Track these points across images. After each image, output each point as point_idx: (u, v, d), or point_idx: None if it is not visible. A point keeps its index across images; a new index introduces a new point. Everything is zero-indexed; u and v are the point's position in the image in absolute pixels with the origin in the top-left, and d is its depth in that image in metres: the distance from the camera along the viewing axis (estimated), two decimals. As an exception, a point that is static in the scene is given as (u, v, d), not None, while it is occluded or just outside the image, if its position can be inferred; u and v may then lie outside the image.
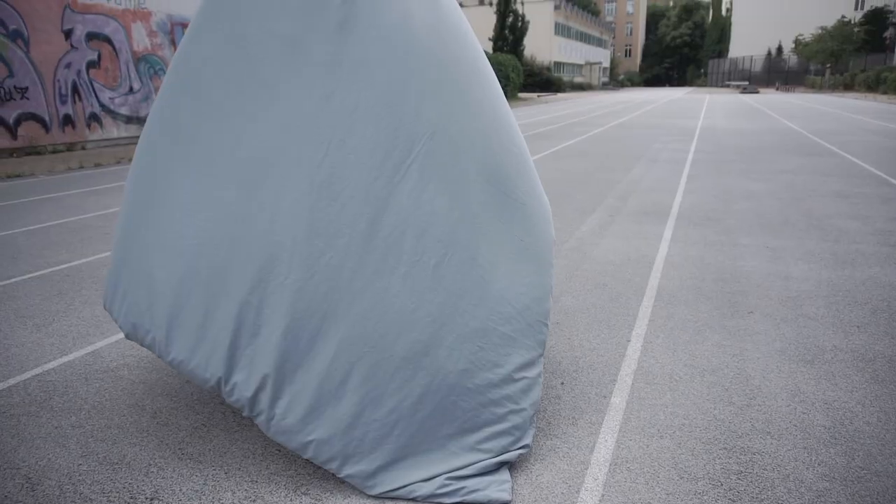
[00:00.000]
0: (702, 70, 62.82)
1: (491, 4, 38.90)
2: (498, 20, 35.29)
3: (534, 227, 1.83)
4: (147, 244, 1.68)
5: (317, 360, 1.51)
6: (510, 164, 1.84)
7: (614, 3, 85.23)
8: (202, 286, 1.56)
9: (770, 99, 25.52)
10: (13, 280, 3.21)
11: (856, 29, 35.33)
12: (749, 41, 48.97)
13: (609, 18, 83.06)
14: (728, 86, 46.50)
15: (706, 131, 10.74)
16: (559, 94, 37.19)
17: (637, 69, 78.91)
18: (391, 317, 1.54)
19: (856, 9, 43.32)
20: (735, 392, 1.93)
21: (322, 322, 1.52)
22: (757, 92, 34.72)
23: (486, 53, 25.08)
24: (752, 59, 48.64)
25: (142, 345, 1.64)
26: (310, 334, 1.51)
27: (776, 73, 46.34)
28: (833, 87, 34.15)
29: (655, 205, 4.66)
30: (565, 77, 46.88)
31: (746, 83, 43.12)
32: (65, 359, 2.27)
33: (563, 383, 2.02)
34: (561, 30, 48.69)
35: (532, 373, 1.67)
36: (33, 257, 3.60)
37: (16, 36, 8.35)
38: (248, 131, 1.63)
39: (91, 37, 9.41)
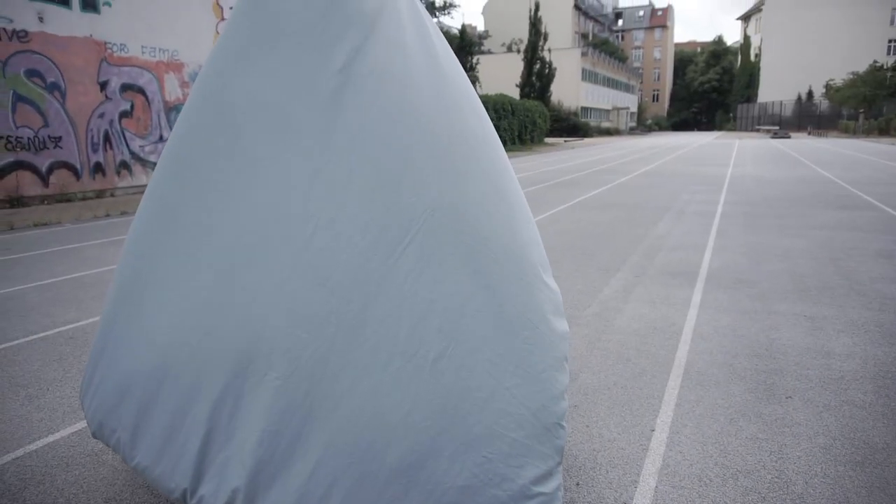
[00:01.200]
0: (731, 114, 62.55)
1: (518, 52, 39.56)
2: (525, 67, 35.81)
3: (547, 315, 1.62)
4: (123, 333, 1.56)
5: (295, 472, 1.34)
6: (521, 243, 1.67)
7: (641, 50, 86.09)
8: (172, 383, 1.42)
9: (802, 144, 25.13)
10: (16, 342, 3.14)
11: (888, 74, 34.86)
12: (778, 86, 48.72)
13: (636, 64, 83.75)
14: (758, 130, 46.13)
15: (736, 180, 10.51)
16: (586, 139, 37.27)
17: (665, 114, 79.02)
18: (381, 421, 1.37)
19: (888, 54, 42.91)
20: (774, 502, 1.70)
21: (303, 426, 1.36)
22: (788, 137, 34.29)
23: (513, 99, 25.35)
24: (781, 104, 48.29)
25: (108, 445, 1.50)
26: (288, 441, 1.35)
27: (807, 118, 45.85)
28: (867, 133, 33.56)
29: (683, 264, 4.45)
30: (592, 122, 47.07)
31: (777, 128, 42.71)
32: (50, 438, 2.15)
33: (578, 484, 1.82)
34: (588, 76, 49.17)
35: (549, 486, 1.42)
36: (42, 316, 3.55)
37: (53, 88, 8.63)
38: (230, 209, 1.52)
39: (125, 88, 9.69)
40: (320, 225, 1.45)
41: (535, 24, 35.63)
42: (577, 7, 65.08)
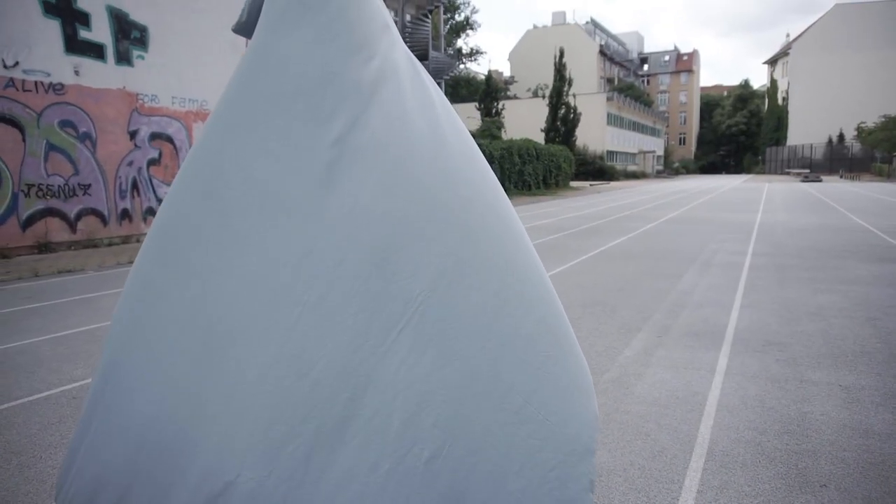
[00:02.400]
0: (759, 157, 61.99)
1: (543, 97, 40.02)
2: (550, 112, 36.15)
3: (563, 401, 1.43)
4: (104, 419, 1.47)
5: None
6: (536, 319, 1.49)
7: (667, 94, 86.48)
8: (141, 485, 1.32)
9: (834, 188, 24.62)
10: (19, 402, 3.08)
11: (922, 117, 34.32)
12: (807, 129, 48.25)
13: (662, 108, 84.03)
14: (788, 173, 45.51)
15: (765, 227, 10.25)
16: (612, 183, 37.15)
17: (692, 156, 78.67)
18: None
19: (921, 97, 42.31)
20: None
21: None
22: (819, 180, 33.72)
23: (538, 144, 25.48)
24: (812, 147, 47.73)
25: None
26: None
27: (838, 161, 45.16)
28: (902, 176, 32.83)
29: (709, 323, 4.25)
30: (618, 165, 47.05)
31: (807, 171, 42.07)
32: (33, 515, 2.06)
33: (587, 589, 1.64)
34: (613, 120, 49.40)
35: None
36: (49, 372, 3.51)
37: (85, 138, 8.89)
38: (212, 291, 1.43)
39: (154, 136, 9.95)
40: (307, 308, 1.36)
41: (559, 70, 36.10)
42: (602, 53, 65.95)
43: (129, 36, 9.41)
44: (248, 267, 1.43)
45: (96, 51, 8.97)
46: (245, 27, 1.82)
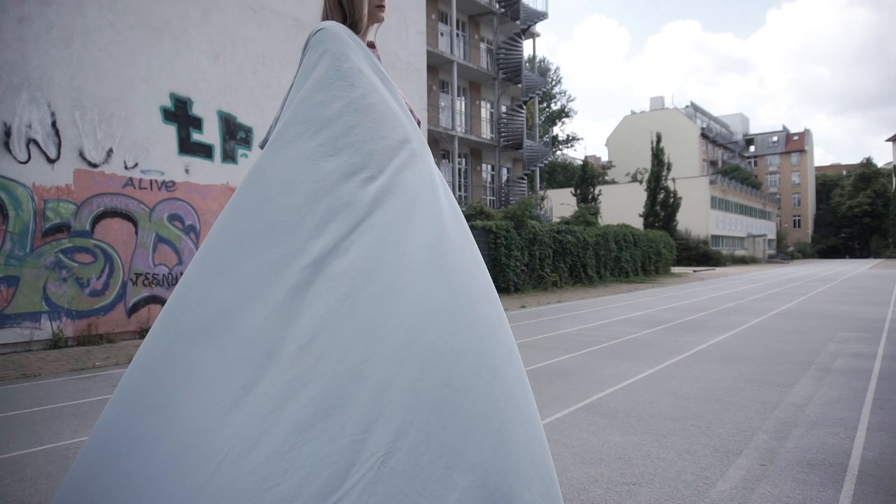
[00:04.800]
0: (889, 240, 56.85)
1: (641, 182, 39.37)
2: (648, 196, 35.36)
3: None
4: None
5: None
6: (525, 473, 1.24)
7: (777, 175, 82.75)
8: None
9: (982, 277, 21.79)
10: None
11: None
12: (944, 210, 43.89)
13: (773, 189, 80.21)
14: (924, 259, 41.13)
15: (898, 325, 9.03)
16: (718, 269, 35.14)
17: (809, 240, 73.62)
18: None
19: None
20: None
21: None
22: (963, 267, 30.08)
23: (636, 230, 24.85)
24: (951, 230, 43.14)
25: None
26: None
27: None
28: None
29: (827, 449, 3.58)
30: (724, 250, 44.70)
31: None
32: None
33: None
34: (718, 203, 47.49)
35: None
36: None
37: (190, 230, 9.51)
38: (152, 429, 1.26)
39: (253, 228, 10.52)
40: (228, 459, 1.14)
41: (657, 154, 35.53)
42: (704, 135, 64.66)
43: (236, 136, 10.18)
44: (182, 402, 1.25)
45: (205, 151, 9.75)
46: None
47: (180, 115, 9.41)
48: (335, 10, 1.86)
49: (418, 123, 1.81)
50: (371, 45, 1.95)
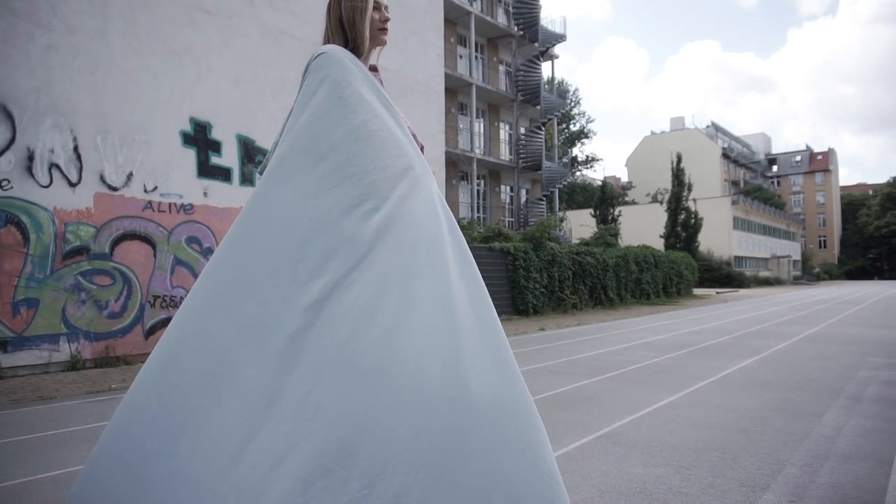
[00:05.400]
0: (919, 261, 55.51)
1: (661, 202, 39.02)
2: (669, 217, 35.00)
3: None
4: None
5: None
6: None
7: (801, 195, 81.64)
8: None
9: None
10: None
11: None
12: (977, 231, 42.81)
13: (797, 210, 79.10)
14: (957, 280, 40.01)
15: (932, 351, 8.70)
16: (741, 291, 34.54)
17: (835, 261, 72.21)
18: None
19: None
20: None
21: None
22: None
23: (657, 251, 24.56)
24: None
25: None
26: None
27: None
28: None
29: (861, 486, 3.40)
30: (748, 271, 43.98)
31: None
32: None
33: None
34: (740, 224, 46.86)
35: None
36: None
37: (207, 252, 9.56)
38: (148, 482, 1.20)
39: (270, 250, 10.55)
40: None
41: (677, 175, 35.25)
42: (725, 156, 64.10)
43: (254, 159, 10.26)
44: (180, 454, 1.19)
45: (224, 174, 9.84)
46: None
47: (200, 138, 9.52)
48: (337, 33, 1.83)
49: (421, 149, 1.76)
50: (373, 69, 1.91)
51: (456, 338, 1.29)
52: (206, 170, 9.63)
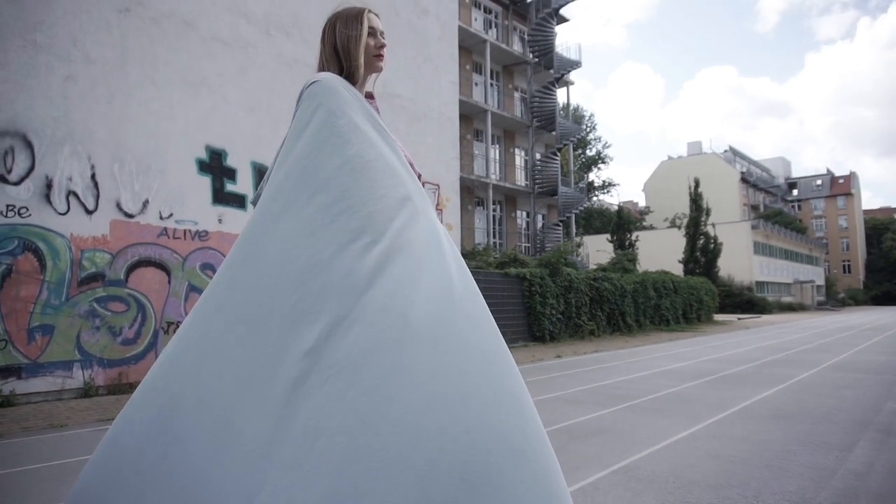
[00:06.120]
0: (948, 286, 54.22)
1: (680, 227, 38.66)
2: (688, 242, 34.62)
3: None
4: None
5: None
6: None
7: (823, 219, 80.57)
8: None
9: None
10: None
11: None
12: None
13: (819, 234, 78.00)
14: None
15: (965, 380, 8.37)
16: (764, 316, 33.89)
17: (860, 286, 70.81)
18: None
19: None
20: None
21: None
22: None
23: (676, 277, 24.24)
24: None
25: None
26: None
27: None
28: None
29: (893, 526, 3.20)
30: (770, 297, 43.24)
31: None
32: None
33: None
34: (761, 248, 46.24)
35: None
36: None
37: (221, 279, 9.58)
38: None
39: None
40: None
41: (695, 199, 34.96)
42: (744, 180, 63.63)
43: (269, 186, 10.33)
44: None
45: (238, 201, 9.90)
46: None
47: (215, 165, 9.62)
48: (331, 60, 1.79)
49: (419, 177, 1.70)
50: (370, 96, 1.86)
51: (462, 375, 1.21)
52: (222, 197, 9.70)
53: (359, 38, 1.76)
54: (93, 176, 8.22)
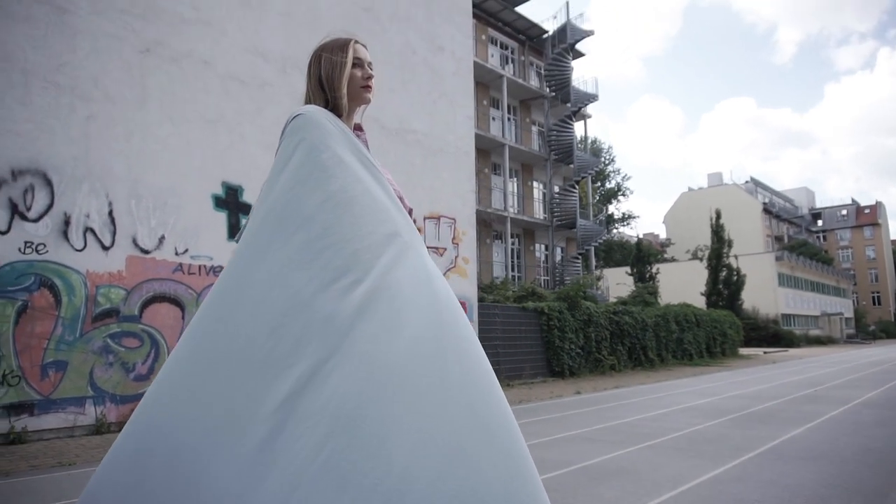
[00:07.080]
0: (984, 318, 52.54)
1: (701, 259, 38.12)
2: (710, 275, 34.11)
3: None
4: None
5: None
6: None
7: (850, 250, 79.14)
8: None
9: None
10: None
11: None
12: None
13: (846, 265, 76.51)
14: None
15: None
16: (791, 350, 33.01)
17: (891, 318, 68.94)
18: None
19: None
20: None
21: None
22: None
23: (698, 310, 23.77)
24: None
25: None
26: None
27: None
28: None
29: (935, 582, 2.95)
30: (797, 330, 42.19)
31: None
32: None
33: None
34: (786, 280, 45.34)
35: None
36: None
37: (235, 314, 9.57)
38: None
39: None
40: None
41: (717, 231, 34.54)
42: (766, 211, 62.90)
43: (284, 221, 10.37)
44: None
45: (254, 236, 9.94)
46: None
47: (231, 201, 9.70)
48: (317, 92, 1.74)
49: (409, 212, 1.62)
50: (358, 128, 1.80)
51: (451, 428, 1.13)
52: (237, 232, 9.74)
53: (342, 68, 1.71)
54: (110, 212, 8.32)
